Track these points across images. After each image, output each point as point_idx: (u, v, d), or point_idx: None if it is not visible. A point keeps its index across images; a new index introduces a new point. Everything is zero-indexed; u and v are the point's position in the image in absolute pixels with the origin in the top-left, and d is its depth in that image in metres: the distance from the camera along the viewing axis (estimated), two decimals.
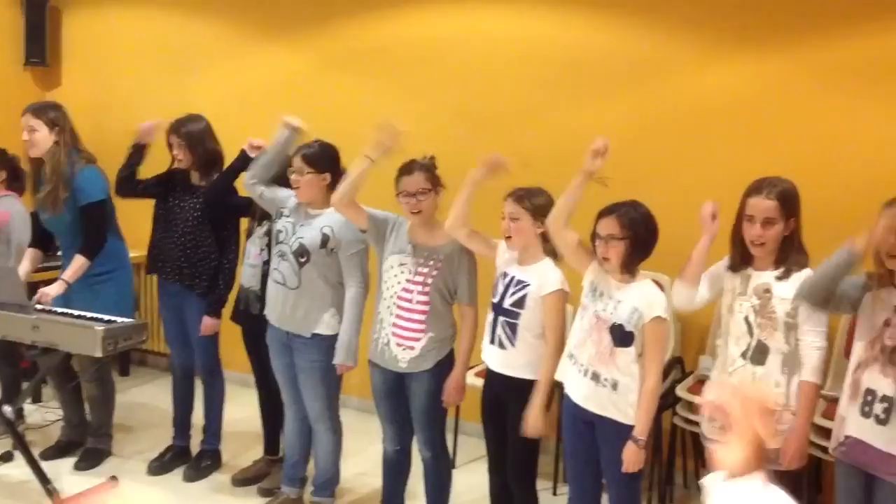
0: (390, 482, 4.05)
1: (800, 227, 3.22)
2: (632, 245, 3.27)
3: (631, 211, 3.30)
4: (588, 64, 4.84)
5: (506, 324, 3.57)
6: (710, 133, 4.57)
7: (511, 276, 3.60)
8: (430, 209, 3.76)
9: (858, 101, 4.25)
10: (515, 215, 3.55)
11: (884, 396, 2.95)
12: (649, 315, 3.25)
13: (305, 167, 3.96)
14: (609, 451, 3.34)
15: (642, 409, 3.27)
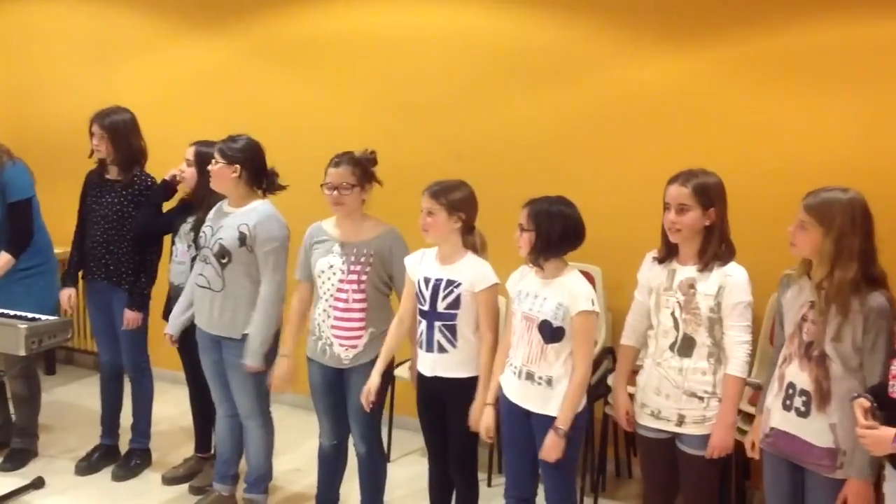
0: (326, 477, 4.03)
1: (724, 220, 3.27)
2: (537, 238, 3.31)
3: (545, 205, 3.34)
4: (519, 58, 4.86)
5: (444, 328, 3.56)
6: (636, 127, 4.62)
7: (437, 279, 3.58)
8: (354, 205, 3.73)
9: (779, 95, 4.33)
10: (431, 210, 3.54)
11: (802, 390, 3.01)
12: (575, 309, 3.29)
13: (217, 156, 3.93)
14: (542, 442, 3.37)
15: (567, 400, 3.30)
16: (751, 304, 3.21)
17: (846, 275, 2.88)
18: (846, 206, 2.91)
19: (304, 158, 4.32)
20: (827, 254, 2.90)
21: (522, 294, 3.42)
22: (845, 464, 2.95)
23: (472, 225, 3.61)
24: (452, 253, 3.59)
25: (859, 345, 2.91)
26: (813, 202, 2.94)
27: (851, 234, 2.88)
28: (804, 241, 2.96)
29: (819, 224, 2.91)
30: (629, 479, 4.70)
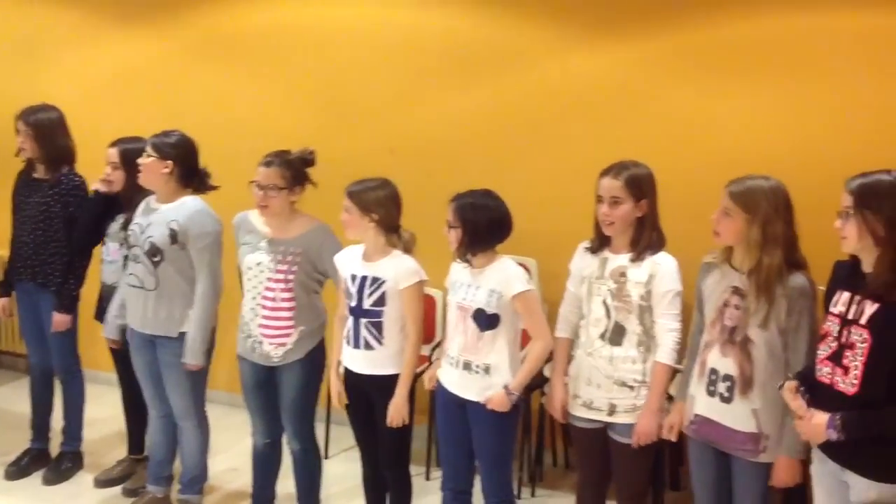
0: (260, 476, 4.00)
1: (655, 211, 3.31)
2: (465, 233, 3.32)
3: (470, 200, 3.35)
4: (452, 51, 4.86)
5: (370, 325, 3.56)
6: (569, 119, 4.66)
7: (363, 276, 3.56)
8: (279, 208, 3.68)
9: (709, 87, 4.39)
10: (347, 208, 3.53)
11: (726, 376, 3.06)
12: (509, 293, 3.31)
13: (149, 151, 3.86)
14: (481, 432, 3.40)
15: (526, 364, 3.35)
16: (680, 293, 3.26)
17: (773, 261, 2.94)
18: (769, 193, 2.96)
19: (236, 154, 4.27)
20: (754, 241, 2.95)
21: (456, 285, 3.44)
22: (768, 447, 3.01)
23: (393, 225, 3.57)
24: (376, 250, 3.57)
25: (783, 327, 2.97)
26: (737, 189, 2.99)
27: (776, 220, 2.94)
28: (728, 229, 3.00)
29: (744, 211, 2.96)
30: (566, 470, 4.74)
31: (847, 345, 2.69)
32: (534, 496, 4.53)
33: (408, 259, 3.56)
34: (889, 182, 2.64)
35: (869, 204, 2.62)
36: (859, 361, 2.65)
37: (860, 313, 2.67)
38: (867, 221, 2.62)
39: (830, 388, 2.73)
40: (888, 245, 2.61)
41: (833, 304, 2.78)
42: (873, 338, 2.63)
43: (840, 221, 2.69)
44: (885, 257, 2.62)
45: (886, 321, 2.61)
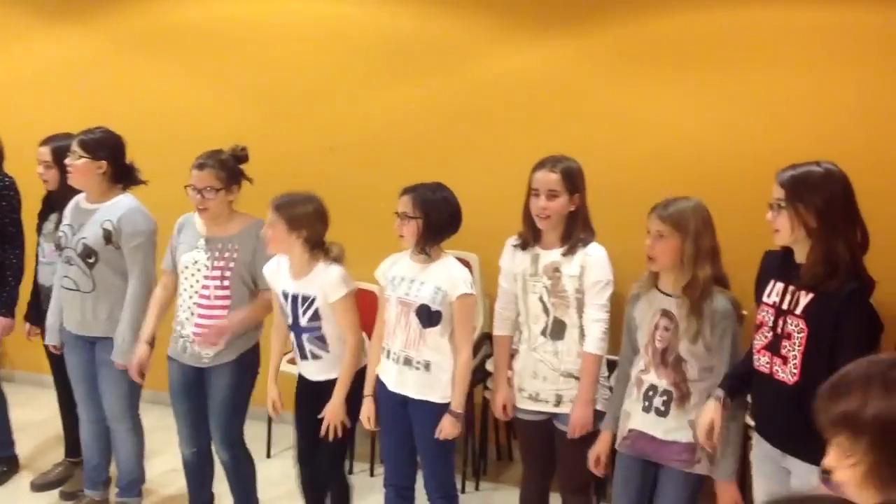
0: (194, 484, 3.94)
1: (585, 205, 3.33)
2: (425, 225, 3.30)
3: (428, 192, 3.34)
4: (392, 47, 4.84)
5: (313, 339, 3.53)
6: (508, 115, 4.67)
7: (293, 295, 3.51)
8: (218, 209, 3.61)
9: (648, 83, 4.44)
10: (272, 223, 3.46)
11: (664, 391, 3.10)
12: (454, 293, 3.31)
13: (80, 151, 3.76)
14: (422, 428, 3.39)
15: (457, 382, 3.33)
16: (610, 283, 3.28)
17: (705, 273, 2.98)
18: (696, 210, 3.02)
19: (172, 151, 4.21)
20: (689, 257, 2.99)
21: (397, 280, 3.41)
22: (703, 458, 3.04)
23: (319, 240, 3.50)
24: (301, 267, 3.51)
25: (710, 344, 3.02)
26: (666, 213, 3.02)
27: (704, 234, 3.00)
28: (664, 251, 3.03)
29: (677, 231, 2.99)
30: (510, 462, 4.76)
31: (784, 335, 2.74)
32: (478, 490, 4.54)
33: (333, 270, 3.47)
34: (819, 174, 2.69)
35: (800, 196, 2.66)
36: (798, 351, 2.70)
37: (795, 303, 2.72)
38: (799, 213, 2.66)
39: (770, 378, 2.78)
40: (820, 236, 2.66)
41: (766, 295, 2.83)
42: (809, 327, 2.68)
43: (772, 214, 2.73)
44: (817, 248, 2.67)
45: (821, 311, 2.66)
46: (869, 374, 1.60)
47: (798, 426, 2.69)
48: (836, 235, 2.64)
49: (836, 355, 2.63)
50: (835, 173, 2.69)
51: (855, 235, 2.69)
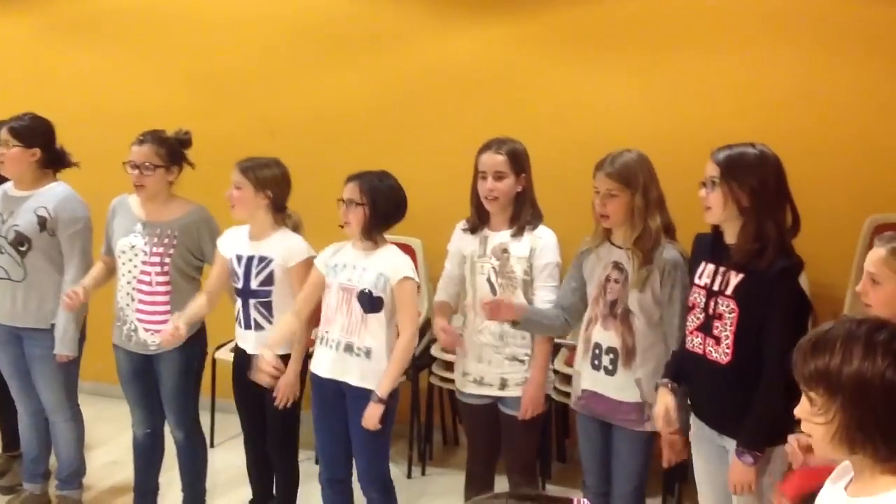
0: (142, 467, 3.89)
1: (531, 185, 3.35)
2: (371, 212, 3.28)
3: (375, 179, 3.32)
4: (332, 30, 4.80)
5: (259, 305, 3.50)
6: (449, 98, 4.66)
7: (249, 256, 3.50)
8: (156, 187, 3.57)
9: (588, 65, 4.47)
10: (239, 184, 3.46)
11: (609, 348, 3.14)
12: (396, 277, 3.30)
13: (12, 140, 3.68)
14: (359, 417, 3.35)
15: (390, 367, 3.31)
16: (559, 266, 3.31)
17: (656, 223, 3.03)
18: (640, 162, 3.07)
19: (106, 137, 4.14)
20: (640, 210, 3.03)
21: (339, 266, 3.38)
22: (651, 416, 3.09)
23: (283, 205, 3.53)
24: (263, 230, 3.51)
25: (658, 297, 3.06)
26: (614, 169, 3.05)
27: (651, 185, 3.05)
28: (617, 209, 3.05)
29: (627, 187, 3.03)
30: (456, 447, 4.77)
31: (715, 315, 2.78)
32: (424, 475, 4.55)
33: (296, 237, 3.52)
34: (754, 154, 2.74)
35: (734, 174, 2.71)
36: (729, 331, 2.75)
37: (726, 284, 2.77)
38: (732, 191, 2.71)
39: (704, 358, 2.83)
40: (751, 215, 2.70)
41: (698, 277, 2.87)
42: (740, 307, 2.72)
43: (705, 191, 2.77)
44: (747, 227, 2.72)
45: (751, 291, 2.71)
46: (852, 334, 1.59)
47: (733, 405, 2.75)
48: (766, 215, 2.69)
49: (765, 334, 2.69)
50: (769, 155, 2.74)
51: (785, 217, 2.75)
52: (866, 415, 1.55)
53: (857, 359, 1.56)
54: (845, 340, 1.58)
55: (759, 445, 2.69)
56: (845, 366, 1.56)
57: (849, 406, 1.56)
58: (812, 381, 1.61)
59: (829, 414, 1.59)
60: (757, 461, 2.68)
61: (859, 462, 1.63)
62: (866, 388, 1.55)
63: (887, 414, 1.54)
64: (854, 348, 1.57)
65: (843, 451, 1.62)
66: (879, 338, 1.57)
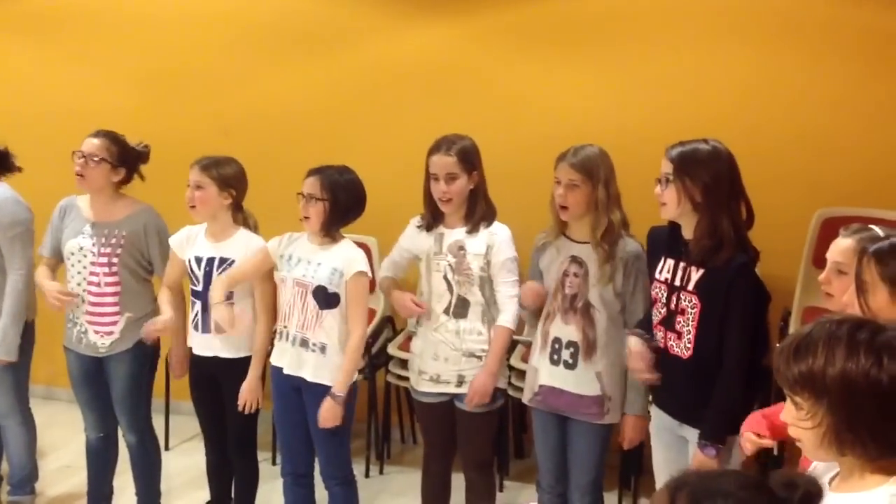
0: (96, 471, 3.84)
1: (484, 180, 3.36)
2: (331, 207, 3.27)
3: (335, 174, 3.31)
4: (285, 28, 4.76)
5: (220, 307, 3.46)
6: (403, 96, 4.66)
7: (209, 258, 3.46)
8: (97, 181, 3.52)
9: (542, 62, 4.48)
10: (200, 184, 3.41)
11: (569, 342, 3.16)
12: (349, 272, 3.29)
13: None
14: (316, 412, 3.34)
15: (345, 363, 3.31)
16: (517, 259, 3.33)
17: (616, 217, 3.07)
18: (601, 157, 3.10)
19: (53, 139, 4.08)
20: (602, 203, 3.06)
21: (294, 260, 3.36)
22: (611, 409, 3.13)
23: (241, 203, 3.51)
24: (223, 230, 3.48)
25: (620, 290, 3.09)
26: (577, 160, 3.08)
27: (612, 179, 3.08)
28: (578, 200, 3.08)
29: (588, 178, 3.06)
30: (414, 445, 4.77)
31: (678, 310, 2.82)
32: (382, 473, 4.54)
33: (255, 237, 3.49)
34: (706, 150, 2.77)
35: (688, 171, 2.74)
36: (691, 326, 2.79)
37: (687, 279, 2.80)
38: (686, 188, 2.74)
39: (666, 353, 2.87)
40: (705, 210, 2.74)
41: (658, 271, 2.91)
42: (702, 302, 2.76)
43: (659, 188, 2.81)
44: (702, 222, 2.76)
45: (712, 286, 2.75)
46: (833, 335, 1.57)
47: (694, 397, 2.79)
48: (720, 210, 2.73)
49: (725, 328, 2.73)
50: (721, 151, 2.78)
51: (739, 211, 2.79)
52: (854, 415, 1.54)
53: (841, 359, 1.54)
54: (827, 342, 1.56)
55: (720, 437, 2.73)
56: (829, 367, 1.54)
57: (836, 408, 1.55)
58: (797, 386, 1.59)
59: (816, 417, 1.57)
60: (719, 452, 2.72)
61: (848, 463, 1.62)
62: (852, 389, 1.53)
63: (874, 413, 1.53)
64: (836, 349, 1.55)
65: (832, 453, 1.60)
66: (861, 336, 1.55)
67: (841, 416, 1.55)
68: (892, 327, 1.59)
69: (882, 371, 1.52)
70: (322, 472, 3.46)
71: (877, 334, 1.56)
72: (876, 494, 1.58)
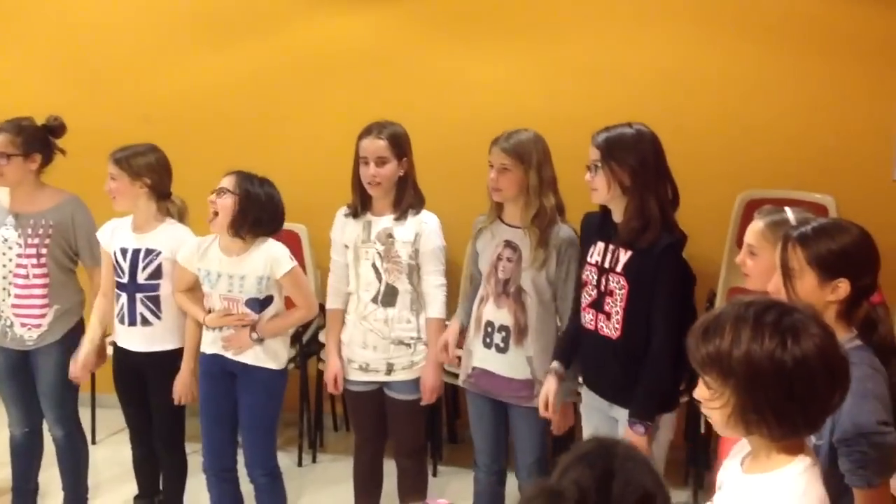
0: (21, 468, 3.75)
1: (413, 169, 3.35)
2: (241, 205, 3.20)
3: (255, 179, 3.27)
4: (206, 13, 4.68)
5: (146, 299, 3.41)
6: (330, 81, 4.62)
7: (135, 249, 3.40)
8: (14, 177, 3.44)
9: (469, 48, 4.49)
10: (114, 175, 3.36)
11: (501, 326, 3.18)
12: (278, 273, 3.26)
13: None
14: (249, 397, 3.33)
15: (279, 320, 3.32)
16: (444, 248, 3.34)
17: (550, 202, 3.09)
18: (535, 141, 3.11)
19: None
20: (534, 188, 3.07)
21: (213, 276, 3.30)
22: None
23: (165, 192, 3.45)
24: (147, 221, 3.42)
25: (553, 277, 3.11)
26: (509, 145, 3.09)
27: (545, 164, 3.10)
28: (510, 183, 3.10)
29: (520, 162, 3.07)
30: (347, 433, 4.74)
31: (607, 292, 2.86)
32: (315, 462, 4.53)
33: (182, 228, 3.45)
34: (631, 134, 2.81)
35: (614, 155, 2.78)
36: (619, 307, 2.83)
37: (616, 261, 2.84)
38: (614, 172, 2.78)
39: (596, 333, 2.91)
40: (634, 194, 2.79)
41: (590, 255, 2.94)
42: (630, 284, 2.81)
43: (589, 174, 2.84)
44: (631, 205, 2.80)
45: (639, 267, 2.79)
46: (741, 316, 1.60)
47: (623, 377, 2.84)
48: (648, 193, 2.77)
49: (652, 309, 2.78)
50: (645, 134, 2.82)
51: (666, 192, 2.83)
52: (758, 396, 1.57)
53: (746, 341, 1.56)
54: (735, 323, 1.59)
55: (650, 415, 2.78)
56: (735, 349, 1.57)
57: (741, 388, 1.58)
58: (706, 366, 1.62)
59: (723, 397, 1.60)
60: (648, 430, 2.76)
61: (756, 441, 1.66)
62: (756, 370, 1.56)
63: (779, 394, 1.56)
64: (743, 331, 1.58)
65: (739, 431, 1.64)
66: (767, 319, 1.58)
67: (746, 396, 1.58)
68: (800, 310, 1.62)
69: (786, 353, 1.55)
70: (247, 462, 3.43)
71: (783, 316, 1.59)
72: (782, 474, 1.62)
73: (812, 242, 2.11)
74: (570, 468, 1.48)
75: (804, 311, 1.62)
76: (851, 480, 1.99)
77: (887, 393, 2.06)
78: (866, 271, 2.12)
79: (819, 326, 1.60)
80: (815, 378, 1.56)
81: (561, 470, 1.50)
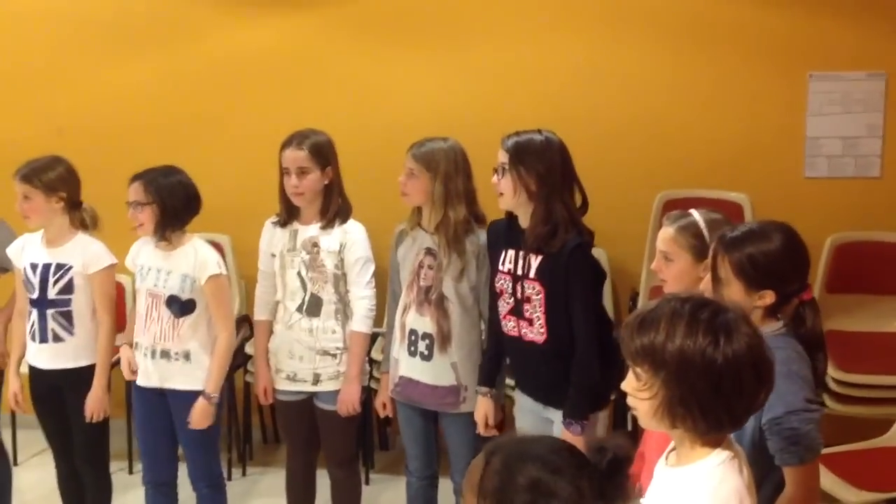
0: None
1: (339, 176, 3.34)
2: (160, 211, 3.18)
3: (160, 177, 3.22)
4: (120, 22, 4.60)
5: (58, 315, 3.34)
6: (249, 89, 4.58)
7: (45, 264, 3.33)
8: None
9: (390, 53, 4.49)
10: (27, 194, 3.28)
11: (424, 334, 3.19)
12: (203, 276, 3.22)
13: None
14: (184, 418, 3.28)
15: (215, 365, 3.26)
16: (371, 260, 3.32)
17: (458, 215, 3.09)
18: (448, 152, 3.12)
19: None
20: (439, 197, 3.08)
21: (144, 269, 3.28)
22: (468, 397, 3.17)
23: (78, 201, 3.38)
24: (60, 235, 3.35)
25: (474, 283, 3.14)
26: (418, 151, 3.12)
27: (456, 176, 3.10)
28: (415, 189, 3.12)
29: (427, 170, 3.09)
30: (277, 445, 4.71)
31: (524, 299, 2.89)
32: (245, 475, 4.47)
33: (95, 242, 3.38)
34: (540, 141, 2.85)
35: (522, 160, 2.81)
36: (540, 312, 2.86)
37: (528, 267, 2.87)
38: (521, 177, 2.81)
39: (520, 340, 2.93)
40: (539, 200, 2.82)
41: (501, 263, 2.97)
42: (545, 288, 2.84)
43: (496, 177, 2.87)
44: (537, 210, 2.83)
45: (551, 270, 2.82)
46: (676, 312, 1.63)
47: (554, 379, 2.87)
48: (554, 198, 2.81)
49: (571, 309, 2.81)
50: (553, 141, 2.86)
51: (573, 197, 2.88)
52: (687, 390, 1.60)
53: (680, 336, 1.60)
54: (670, 318, 1.62)
55: (583, 414, 2.81)
56: (669, 343, 1.60)
57: (671, 382, 1.61)
58: (638, 357, 1.65)
59: (652, 389, 1.63)
60: (584, 429, 2.79)
61: (680, 435, 1.69)
62: (687, 365, 1.59)
63: (706, 390, 1.59)
64: (678, 326, 1.61)
65: (665, 424, 1.67)
66: (702, 316, 1.61)
67: (675, 390, 1.61)
68: (732, 309, 1.67)
69: (717, 351, 1.59)
70: (191, 475, 3.39)
71: (717, 315, 1.63)
72: (703, 465, 1.66)
73: (737, 254, 2.15)
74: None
75: (735, 310, 1.67)
76: (783, 459, 2.04)
77: (811, 375, 2.12)
78: (793, 279, 2.18)
79: (749, 326, 1.64)
80: (742, 376, 1.60)
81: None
